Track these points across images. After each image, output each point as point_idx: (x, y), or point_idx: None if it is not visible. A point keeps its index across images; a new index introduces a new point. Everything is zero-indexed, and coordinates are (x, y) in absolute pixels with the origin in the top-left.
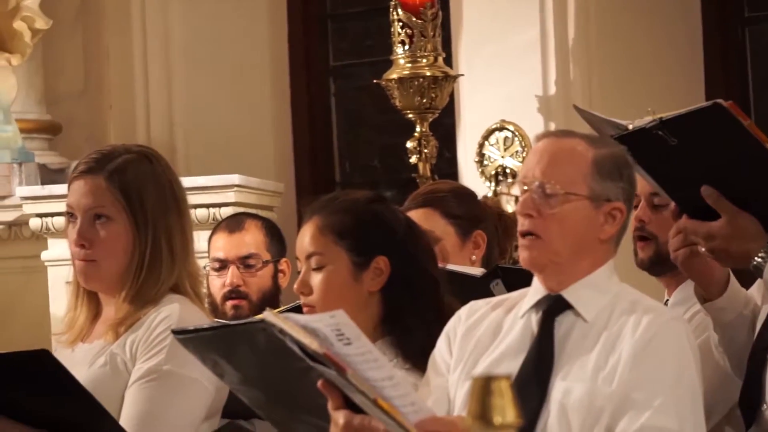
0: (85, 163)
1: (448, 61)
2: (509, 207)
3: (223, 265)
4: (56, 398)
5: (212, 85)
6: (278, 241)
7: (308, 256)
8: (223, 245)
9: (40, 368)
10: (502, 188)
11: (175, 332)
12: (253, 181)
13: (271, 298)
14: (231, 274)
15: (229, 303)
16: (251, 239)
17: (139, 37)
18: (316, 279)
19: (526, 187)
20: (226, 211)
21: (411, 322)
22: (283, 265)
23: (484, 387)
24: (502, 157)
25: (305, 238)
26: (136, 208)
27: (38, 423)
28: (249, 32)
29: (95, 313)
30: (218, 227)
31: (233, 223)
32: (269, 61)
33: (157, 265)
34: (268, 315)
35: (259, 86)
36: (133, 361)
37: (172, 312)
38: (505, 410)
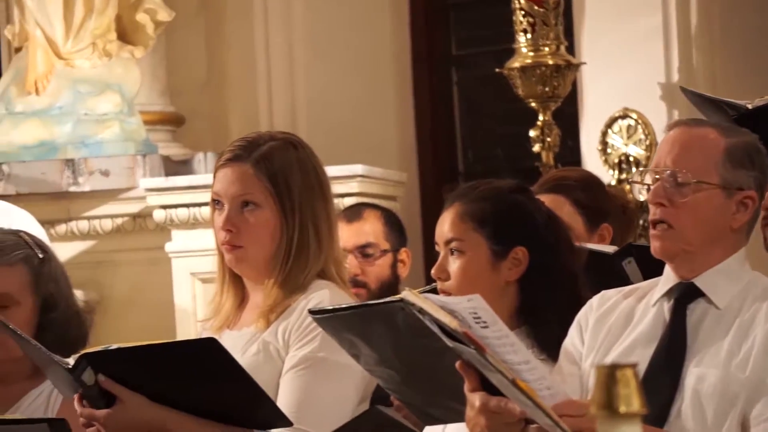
0: (230, 151)
1: (570, 49)
2: (641, 196)
3: None
4: (221, 386)
5: (334, 75)
6: (398, 231)
7: (447, 242)
8: (342, 235)
9: (207, 356)
10: (633, 177)
11: (312, 312)
12: (376, 171)
13: (390, 287)
14: (349, 263)
15: None
16: (369, 228)
17: (261, 28)
18: (454, 265)
19: (657, 176)
20: (349, 201)
21: (547, 313)
22: (403, 255)
23: (609, 376)
24: (625, 145)
25: (445, 224)
26: (283, 194)
27: (200, 412)
28: (371, 21)
29: (241, 299)
30: (337, 216)
31: (352, 213)
32: (391, 50)
33: (305, 251)
34: (407, 294)
35: (381, 76)
36: (286, 349)
37: (323, 298)
38: (631, 399)
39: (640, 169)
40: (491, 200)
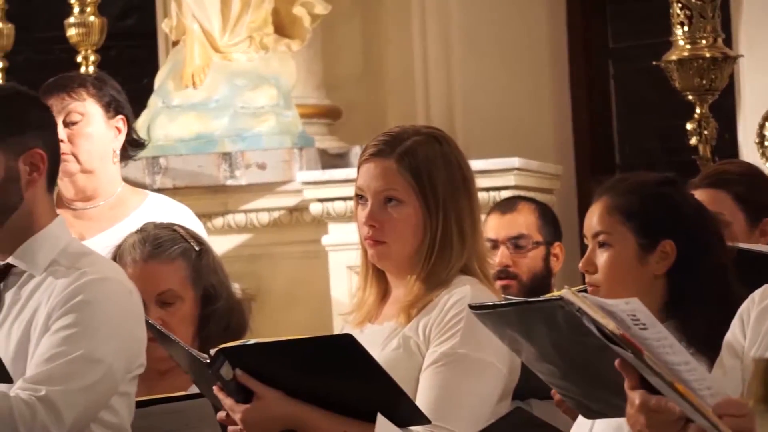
0: (374, 145)
1: (728, 41)
2: None
3: (494, 245)
4: (357, 382)
5: (491, 67)
6: (552, 225)
7: (595, 235)
8: (495, 225)
9: (343, 352)
10: None
11: (472, 307)
12: (533, 164)
13: (542, 280)
14: (501, 254)
15: (498, 283)
16: (523, 220)
17: (418, 21)
18: (602, 258)
19: None
20: (506, 194)
21: (696, 307)
22: (556, 249)
23: (767, 369)
24: None
25: (593, 217)
26: (426, 190)
27: (336, 408)
28: (528, 14)
29: (384, 293)
30: (492, 209)
31: (506, 205)
32: (548, 43)
33: (448, 247)
34: (567, 293)
35: (538, 68)
36: (427, 344)
37: (465, 294)
38: None
39: None
40: (639, 193)
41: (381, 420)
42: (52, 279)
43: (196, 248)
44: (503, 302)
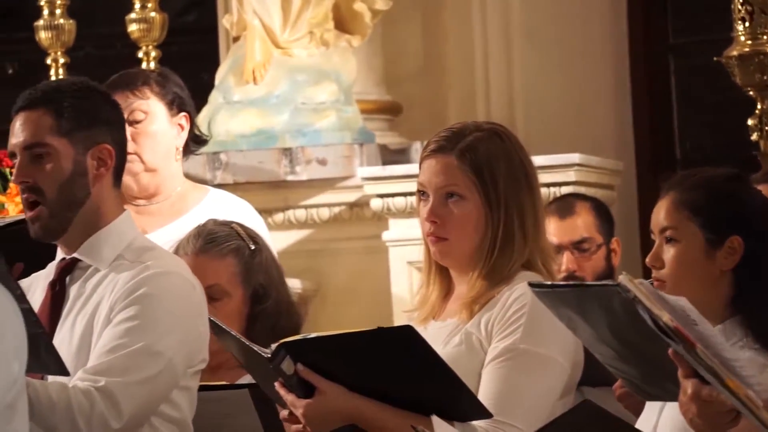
0: (435, 141)
1: None
2: None
3: (557, 249)
4: (418, 375)
5: (552, 63)
6: (608, 221)
7: (662, 231)
8: (555, 230)
9: (404, 345)
10: None
11: (531, 285)
12: (593, 160)
13: (606, 278)
14: (566, 260)
15: None
16: (582, 223)
17: (479, 16)
18: (669, 254)
19: None
20: (566, 190)
21: (762, 303)
22: (614, 244)
23: None
24: None
25: (660, 213)
26: (488, 186)
27: (398, 402)
28: (588, 9)
29: (447, 290)
30: (549, 211)
31: (564, 208)
32: (609, 38)
33: (510, 242)
34: (624, 279)
35: (598, 64)
36: (489, 340)
37: (526, 290)
38: None
39: None
40: (706, 189)
41: (437, 421)
42: (115, 273)
43: (251, 247)
44: (562, 283)
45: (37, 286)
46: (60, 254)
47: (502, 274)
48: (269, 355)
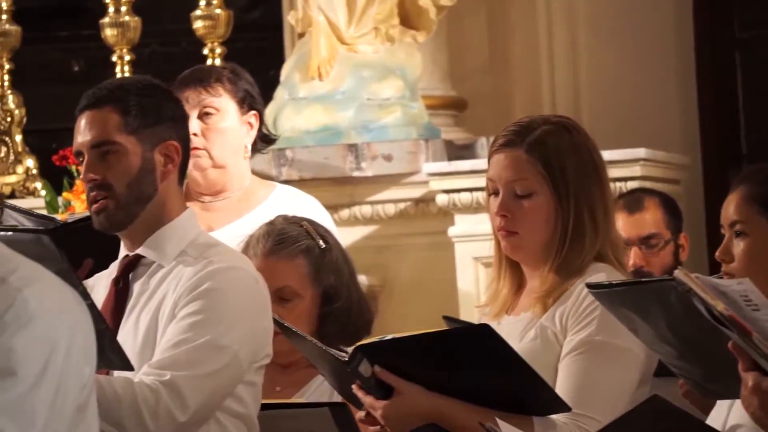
0: (504, 136)
1: None
2: None
3: (624, 245)
4: (496, 372)
5: (617, 57)
6: (676, 216)
7: (731, 225)
8: (623, 226)
9: (482, 343)
10: None
11: (589, 286)
12: (659, 154)
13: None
14: (633, 255)
15: None
16: (651, 218)
17: (544, 12)
18: (738, 248)
19: None
20: (632, 185)
21: None
22: (682, 239)
23: None
24: None
25: (730, 207)
26: (557, 179)
27: (476, 399)
28: (653, 3)
29: (518, 284)
30: (616, 206)
31: (632, 203)
32: (674, 32)
33: (581, 235)
34: (679, 273)
35: (664, 58)
36: (564, 333)
37: (600, 281)
38: None
39: None
40: None
41: (503, 425)
42: (179, 268)
43: (321, 246)
44: (618, 282)
45: (100, 285)
46: (123, 251)
47: (573, 267)
48: (346, 359)
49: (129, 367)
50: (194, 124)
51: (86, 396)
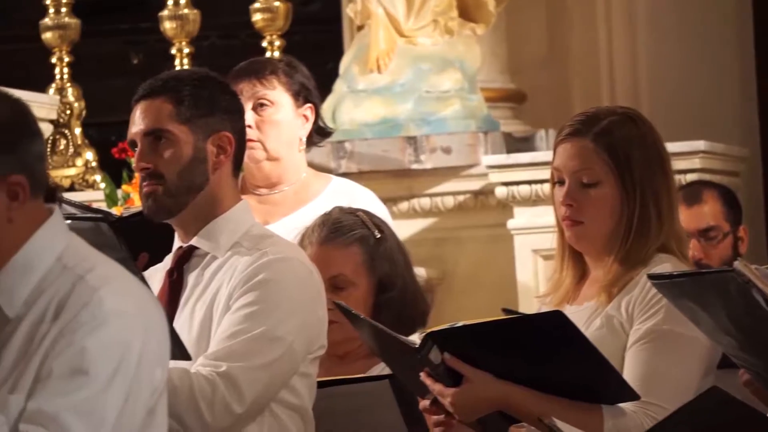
0: (570, 126)
1: None
2: None
3: None
4: (566, 360)
5: (676, 50)
6: (735, 209)
7: None
8: (682, 218)
9: (553, 330)
10: None
11: (650, 276)
12: (718, 146)
13: None
14: (692, 247)
15: None
16: (710, 210)
17: (603, 3)
18: None
19: None
20: (691, 178)
21: None
22: (741, 232)
23: None
24: None
25: None
26: (623, 169)
27: (544, 387)
28: None
29: (580, 275)
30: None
31: (691, 195)
32: (733, 23)
33: (646, 226)
34: (738, 264)
35: (723, 50)
36: (630, 322)
37: (665, 270)
38: None
39: None
40: None
41: (564, 427)
42: (233, 260)
43: (376, 235)
44: (679, 272)
45: (155, 278)
46: (177, 243)
47: (638, 257)
48: (416, 346)
49: (186, 356)
50: (249, 116)
51: (156, 399)
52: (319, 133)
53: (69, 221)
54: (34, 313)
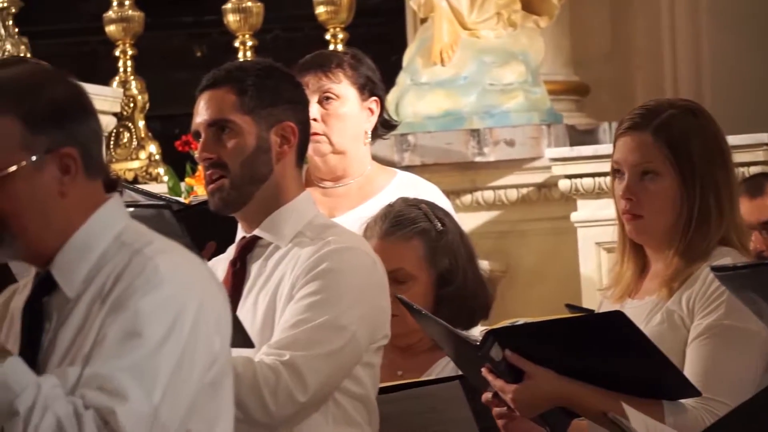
0: (630, 119)
1: None
2: None
3: None
4: (627, 358)
5: (740, 43)
6: None
7: None
8: (744, 210)
9: (614, 330)
10: None
11: (713, 268)
12: None
13: None
14: (754, 239)
15: None
16: None
17: None
18: None
19: None
20: (755, 170)
21: None
22: None
23: None
24: None
25: None
26: (683, 163)
27: (606, 384)
28: None
29: (641, 268)
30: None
31: (753, 187)
32: None
33: (706, 219)
34: None
35: None
36: (691, 317)
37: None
38: None
39: None
40: None
41: (630, 411)
42: (296, 249)
43: (438, 228)
44: (742, 264)
45: (218, 269)
46: (240, 233)
47: (698, 250)
48: (478, 342)
49: (250, 343)
50: (314, 110)
51: (218, 373)
52: (384, 126)
53: (131, 209)
54: (92, 290)
